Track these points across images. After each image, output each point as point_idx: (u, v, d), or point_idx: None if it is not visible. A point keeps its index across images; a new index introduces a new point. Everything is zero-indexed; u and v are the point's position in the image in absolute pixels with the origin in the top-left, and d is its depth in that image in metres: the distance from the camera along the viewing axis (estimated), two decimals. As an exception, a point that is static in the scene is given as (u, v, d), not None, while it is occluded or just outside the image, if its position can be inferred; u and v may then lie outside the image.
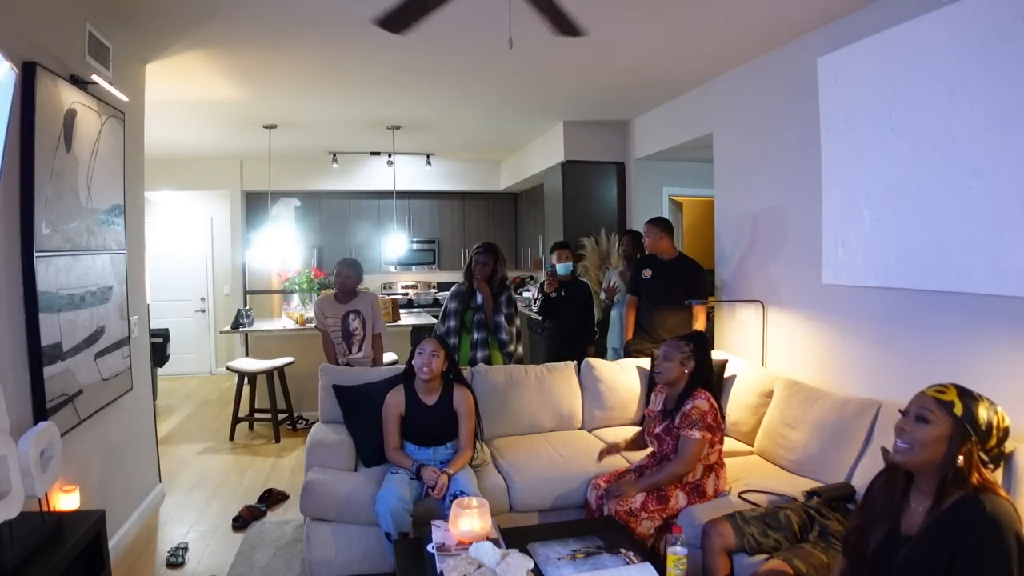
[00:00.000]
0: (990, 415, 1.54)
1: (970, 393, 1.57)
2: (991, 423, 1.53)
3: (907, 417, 1.60)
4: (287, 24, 3.31)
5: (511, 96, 5.03)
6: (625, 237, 5.01)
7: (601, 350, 4.98)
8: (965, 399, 1.55)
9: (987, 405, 1.56)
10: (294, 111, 5.32)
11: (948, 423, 1.53)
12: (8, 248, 2.33)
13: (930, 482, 1.56)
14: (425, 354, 2.95)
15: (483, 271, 4.13)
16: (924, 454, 1.55)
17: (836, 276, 3.31)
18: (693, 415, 2.67)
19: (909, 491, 1.64)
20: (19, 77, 2.26)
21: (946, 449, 1.53)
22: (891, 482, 1.68)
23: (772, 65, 3.87)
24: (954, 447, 1.52)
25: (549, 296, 4.81)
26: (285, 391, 5.42)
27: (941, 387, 1.59)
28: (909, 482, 1.64)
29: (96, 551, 2.32)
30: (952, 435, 1.52)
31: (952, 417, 1.53)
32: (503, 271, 4.22)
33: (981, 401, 1.56)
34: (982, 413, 1.53)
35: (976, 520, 1.44)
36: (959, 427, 1.52)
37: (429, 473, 2.81)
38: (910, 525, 1.60)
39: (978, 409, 1.54)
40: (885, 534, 1.62)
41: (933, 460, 1.54)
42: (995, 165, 2.44)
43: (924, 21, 2.70)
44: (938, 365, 2.73)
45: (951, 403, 1.54)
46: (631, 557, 2.12)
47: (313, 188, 8.05)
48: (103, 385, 3.02)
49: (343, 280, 4.22)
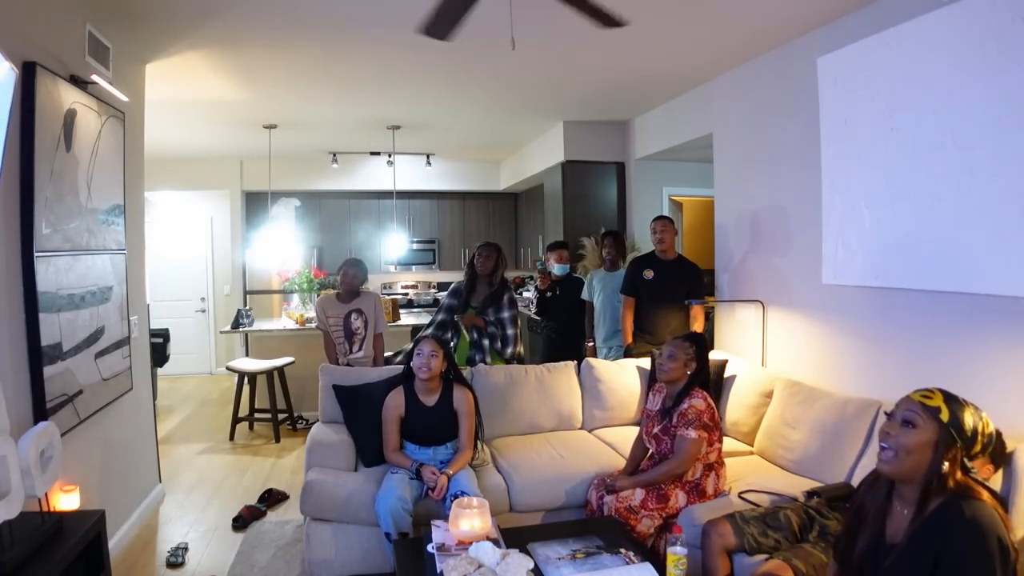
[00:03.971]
0: (975, 421, 1.53)
1: (956, 399, 1.56)
2: (976, 429, 1.53)
3: (893, 420, 1.59)
4: (287, 24, 3.31)
5: (511, 96, 5.03)
6: (607, 239, 4.84)
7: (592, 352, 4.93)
8: (951, 404, 1.54)
9: (972, 411, 1.55)
10: (294, 111, 5.32)
11: (934, 428, 1.52)
12: (8, 248, 2.33)
13: (914, 489, 1.55)
14: (423, 354, 2.95)
15: (485, 264, 4.15)
16: (909, 460, 1.53)
17: (836, 276, 3.31)
18: (690, 414, 2.68)
19: (892, 496, 1.63)
20: (19, 77, 2.25)
21: (932, 455, 1.52)
22: (875, 487, 1.67)
23: (772, 65, 3.86)
24: (939, 453, 1.51)
25: (544, 294, 4.80)
26: (285, 391, 5.42)
27: (927, 392, 1.58)
28: (892, 487, 1.63)
29: (96, 551, 2.32)
30: (938, 441, 1.51)
31: (938, 423, 1.52)
32: (504, 270, 4.23)
33: (967, 407, 1.55)
34: (968, 419, 1.53)
35: (959, 525, 1.43)
36: (945, 433, 1.51)
37: (428, 474, 2.81)
38: (895, 531, 1.59)
39: (964, 415, 1.53)
40: (870, 540, 1.62)
41: (918, 466, 1.53)
42: (995, 165, 2.44)
43: (924, 21, 2.70)
44: (938, 365, 2.74)
45: (937, 408, 1.53)
46: (631, 557, 2.12)
47: (313, 188, 8.05)
48: (103, 385, 3.02)
49: (349, 280, 4.25)
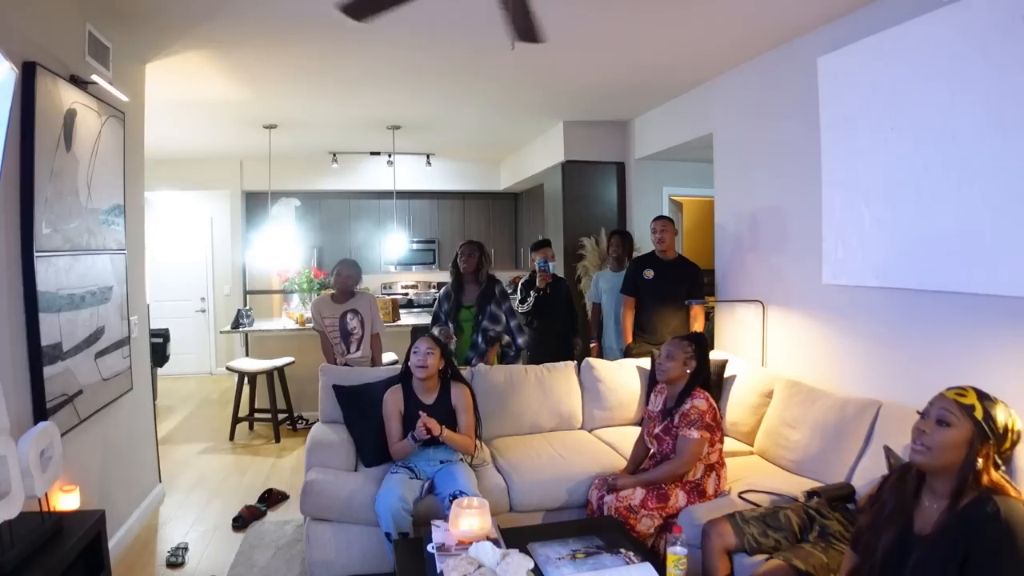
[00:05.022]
0: (1007, 417, 1.55)
1: (988, 396, 1.58)
2: (1007, 426, 1.54)
3: (927, 419, 1.59)
4: (287, 24, 3.31)
5: (511, 96, 5.02)
6: (614, 238, 4.89)
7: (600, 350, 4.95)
8: (984, 402, 1.56)
9: (1003, 407, 1.56)
10: (294, 111, 5.32)
11: (969, 426, 1.53)
12: (8, 248, 2.33)
13: (946, 483, 1.56)
14: (420, 353, 2.96)
15: (468, 263, 4.19)
16: (944, 457, 1.54)
17: (836, 276, 3.31)
18: (692, 415, 2.68)
19: (921, 491, 1.64)
20: (19, 77, 2.25)
21: (966, 452, 1.53)
22: (903, 482, 1.67)
23: (772, 65, 3.86)
24: (974, 449, 1.52)
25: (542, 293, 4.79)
26: (285, 391, 5.42)
27: (961, 390, 1.59)
28: (921, 482, 1.64)
29: (96, 551, 2.32)
30: (972, 438, 1.53)
31: (973, 420, 1.53)
32: (488, 266, 4.28)
33: (998, 403, 1.57)
34: (1000, 416, 1.54)
35: (992, 522, 1.44)
36: (979, 430, 1.52)
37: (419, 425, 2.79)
38: (923, 524, 1.60)
39: (996, 412, 1.54)
40: (897, 534, 1.62)
41: (953, 463, 1.54)
42: (995, 165, 2.44)
43: (924, 21, 2.70)
44: (938, 365, 2.73)
45: (972, 406, 1.54)
46: (631, 557, 2.12)
47: (313, 188, 8.04)
48: (103, 385, 3.02)
49: (343, 280, 4.23)
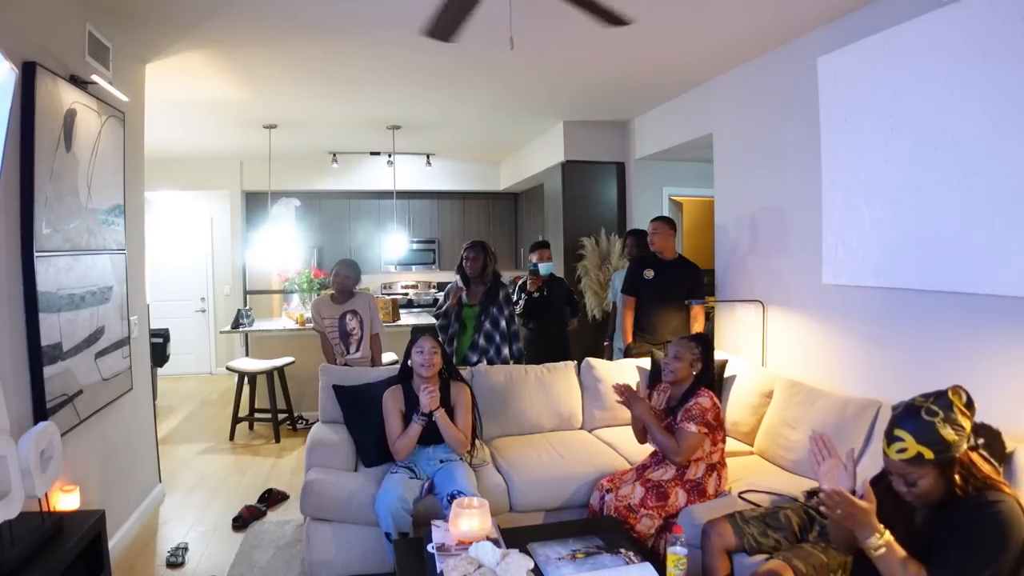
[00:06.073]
0: (950, 428, 1.51)
1: (922, 426, 1.53)
2: (956, 433, 1.52)
3: (898, 487, 1.60)
4: (287, 24, 3.31)
5: (511, 96, 5.02)
6: (630, 238, 4.91)
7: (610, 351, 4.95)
8: (922, 439, 1.52)
9: (940, 417, 1.52)
10: (294, 111, 5.32)
11: (930, 468, 1.53)
12: (8, 248, 2.33)
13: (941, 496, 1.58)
14: (425, 352, 2.96)
15: (474, 266, 4.19)
16: (932, 496, 1.56)
17: (836, 276, 3.31)
18: (694, 410, 2.68)
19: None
20: (19, 77, 2.25)
21: (944, 481, 1.54)
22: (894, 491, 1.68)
23: (772, 65, 3.86)
24: (949, 475, 1.53)
25: (533, 296, 4.80)
26: (285, 391, 5.42)
27: (899, 445, 1.55)
28: None
29: (96, 551, 2.32)
30: (940, 471, 1.53)
31: (928, 463, 1.52)
32: (493, 266, 4.27)
33: (935, 421, 1.52)
34: (946, 432, 1.51)
35: (985, 508, 1.48)
36: (940, 461, 1.52)
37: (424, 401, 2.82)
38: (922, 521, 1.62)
39: (941, 433, 1.51)
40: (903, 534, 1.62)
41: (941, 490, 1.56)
42: (995, 165, 2.44)
43: (924, 21, 2.70)
44: (937, 365, 2.74)
45: (919, 455, 1.52)
46: (631, 557, 2.12)
47: (313, 188, 8.05)
48: (103, 385, 3.02)
49: (341, 280, 4.22)
